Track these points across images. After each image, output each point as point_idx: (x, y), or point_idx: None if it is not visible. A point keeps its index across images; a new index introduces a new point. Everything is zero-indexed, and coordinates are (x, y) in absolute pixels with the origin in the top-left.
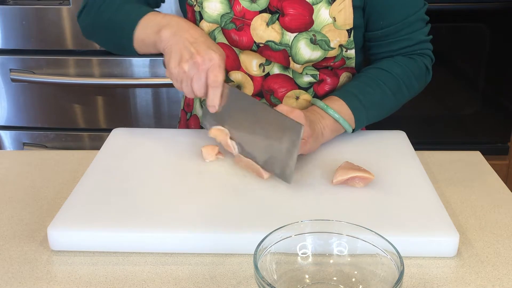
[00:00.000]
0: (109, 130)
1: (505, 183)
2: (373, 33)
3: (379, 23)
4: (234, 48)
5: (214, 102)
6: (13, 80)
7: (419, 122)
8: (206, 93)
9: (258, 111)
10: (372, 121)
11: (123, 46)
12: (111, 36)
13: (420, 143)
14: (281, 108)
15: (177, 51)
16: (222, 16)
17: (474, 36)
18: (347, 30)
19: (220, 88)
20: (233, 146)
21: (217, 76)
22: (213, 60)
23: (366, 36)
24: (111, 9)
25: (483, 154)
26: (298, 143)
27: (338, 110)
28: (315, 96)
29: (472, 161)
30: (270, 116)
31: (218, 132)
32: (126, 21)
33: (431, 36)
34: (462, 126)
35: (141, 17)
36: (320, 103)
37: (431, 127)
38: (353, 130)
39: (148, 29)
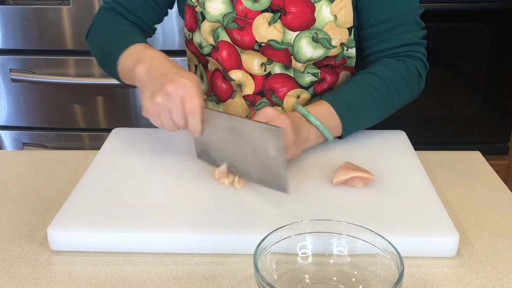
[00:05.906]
0: (109, 130)
1: (505, 183)
2: (366, 32)
3: (369, 21)
4: (236, 46)
5: (196, 127)
6: (13, 80)
7: (419, 122)
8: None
9: (239, 126)
10: (362, 127)
11: (113, 75)
12: (104, 63)
13: (420, 143)
14: (266, 111)
15: (149, 87)
16: (224, 15)
17: (474, 36)
18: (348, 29)
19: (199, 114)
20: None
21: (193, 102)
22: (185, 87)
23: (360, 37)
24: (103, 35)
25: (483, 154)
26: (281, 148)
27: (323, 115)
28: (314, 94)
29: (472, 161)
30: (250, 127)
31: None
32: (112, 52)
33: (425, 42)
34: (462, 126)
35: (125, 48)
36: (302, 109)
37: (431, 127)
38: (342, 137)
39: (129, 62)
